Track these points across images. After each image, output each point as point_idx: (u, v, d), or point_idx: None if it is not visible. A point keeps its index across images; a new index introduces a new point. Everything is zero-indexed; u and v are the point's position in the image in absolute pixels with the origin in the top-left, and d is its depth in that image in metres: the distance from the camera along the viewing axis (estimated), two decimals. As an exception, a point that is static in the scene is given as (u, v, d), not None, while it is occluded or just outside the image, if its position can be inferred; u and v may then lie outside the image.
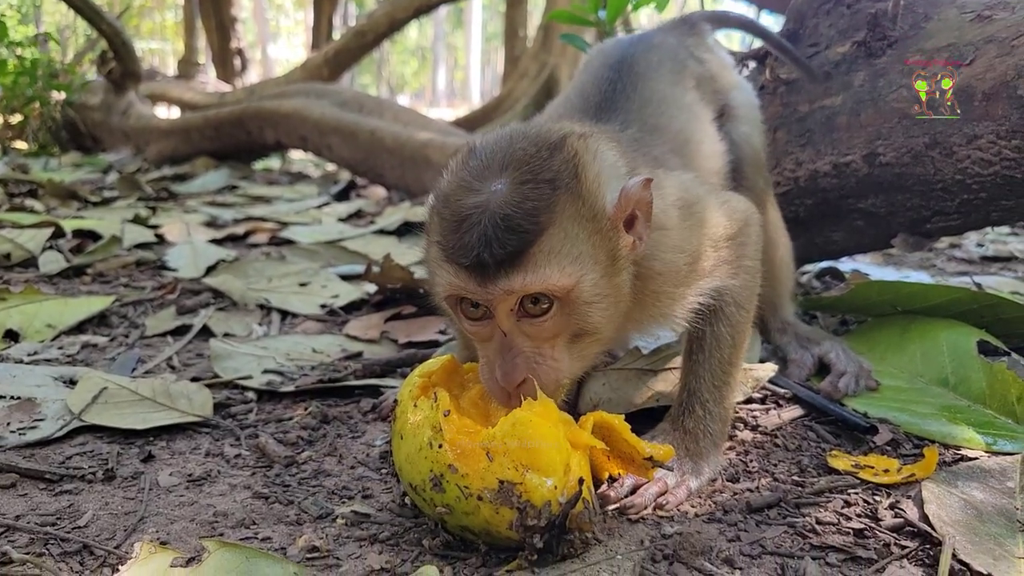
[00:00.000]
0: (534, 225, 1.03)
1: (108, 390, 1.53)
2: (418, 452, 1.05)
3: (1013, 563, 1.02)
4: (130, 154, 6.45)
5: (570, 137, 1.12)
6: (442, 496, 1.02)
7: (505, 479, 0.99)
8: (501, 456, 1.00)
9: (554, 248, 1.04)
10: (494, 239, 1.02)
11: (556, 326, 1.09)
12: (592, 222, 1.08)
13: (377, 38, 8.54)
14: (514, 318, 1.08)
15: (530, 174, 1.06)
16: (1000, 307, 1.65)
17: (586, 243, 1.07)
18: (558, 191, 1.05)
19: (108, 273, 2.64)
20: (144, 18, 25.60)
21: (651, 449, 1.12)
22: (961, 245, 3.40)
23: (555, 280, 1.04)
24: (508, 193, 1.04)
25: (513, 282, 1.03)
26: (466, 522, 1.03)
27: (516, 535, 0.99)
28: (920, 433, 1.41)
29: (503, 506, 0.99)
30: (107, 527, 1.13)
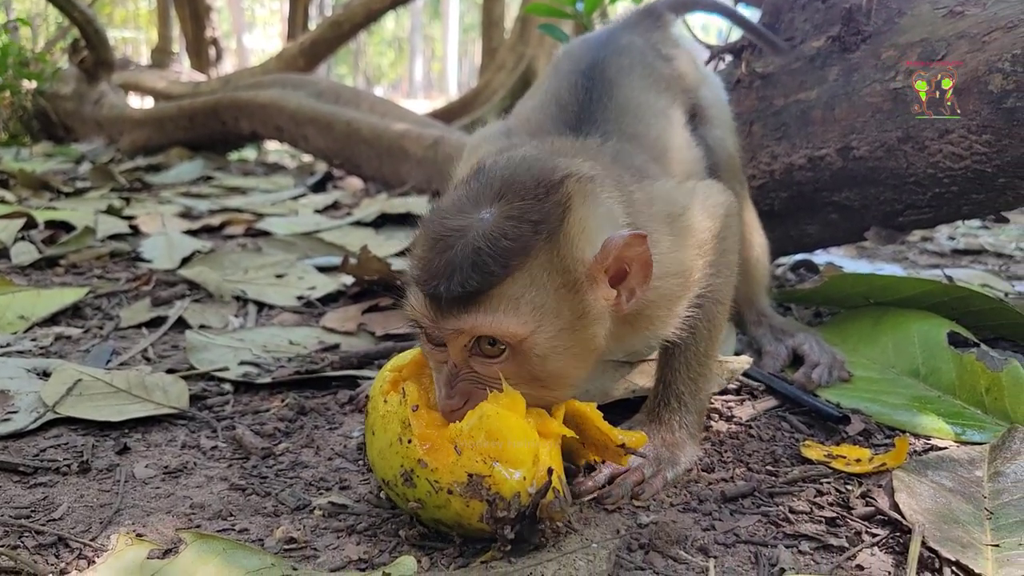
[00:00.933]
0: (501, 267, 1.00)
1: (82, 382, 1.52)
2: (389, 447, 1.06)
3: (980, 550, 1.04)
4: (103, 144, 6.37)
5: (570, 179, 1.08)
6: (413, 491, 1.03)
7: (474, 472, 0.99)
8: (469, 450, 1.00)
9: (515, 295, 1.01)
10: (457, 273, 0.99)
11: (507, 370, 1.06)
12: (563, 274, 1.04)
13: (354, 28, 8.50)
14: (467, 353, 1.06)
15: (518, 210, 1.03)
16: (970, 299, 1.68)
17: (552, 295, 1.03)
18: (538, 235, 1.02)
19: (82, 264, 2.61)
20: (117, 6, 25.24)
21: (624, 436, 1.13)
22: (933, 238, 3.45)
23: (509, 328, 1.01)
24: (490, 225, 1.01)
25: (463, 322, 1.02)
26: (438, 515, 1.03)
27: (488, 527, 1.00)
28: (891, 423, 1.43)
29: (473, 499, 0.99)
30: (82, 519, 1.12)
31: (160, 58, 11.62)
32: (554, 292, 1.03)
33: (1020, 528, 1.07)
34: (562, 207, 1.05)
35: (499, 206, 1.04)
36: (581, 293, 1.06)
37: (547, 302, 1.03)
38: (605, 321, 1.10)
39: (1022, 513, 1.10)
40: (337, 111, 4.91)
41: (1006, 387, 1.39)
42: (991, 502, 1.13)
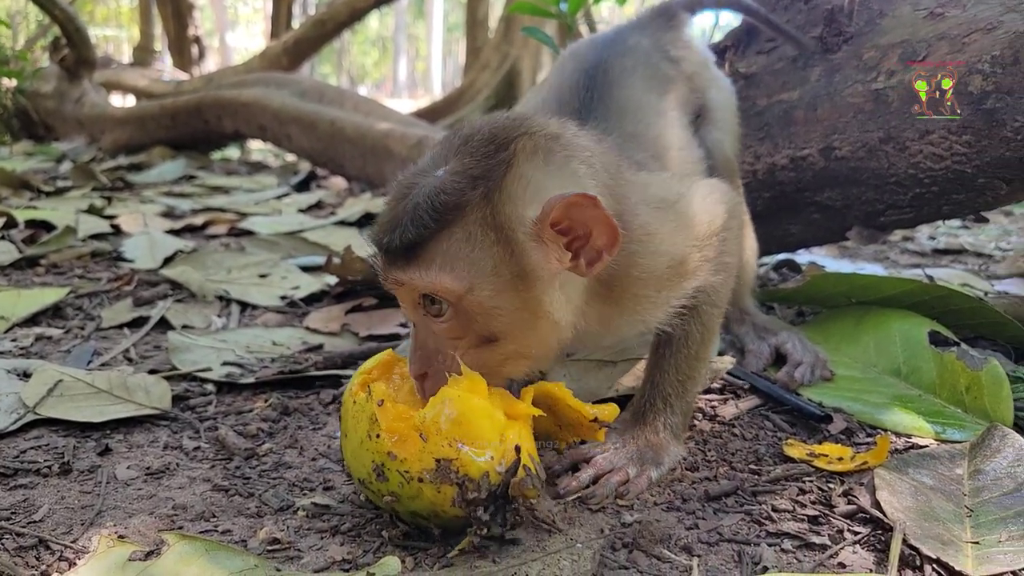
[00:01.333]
0: (436, 222, 1.01)
1: (63, 383, 1.51)
2: (360, 445, 1.06)
3: (961, 547, 1.05)
4: (84, 143, 6.32)
5: (523, 137, 1.06)
6: (386, 484, 1.03)
7: (441, 457, 1.00)
8: (434, 435, 1.01)
9: (450, 250, 1.02)
10: (397, 227, 1.02)
11: (454, 329, 1.07)
12: (499, 231, 1.02)
13: (337, 27, 8.47)
14: (421, 311, 1.08)
15: (463, 166, 1.04)
16: (950, 299, 1.69)
17: (487, 251, 1.02)
18: (475, 191, 1.02)
19: (62, 264, 2.59)
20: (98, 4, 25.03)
21: (595, 410, 1.14)
22: (914, 238, 3.47)
23: (443, 283, 1.02)
24: (435, 182, 1.03)
25: (403, 275, 1.04)
26: (414, 507, 1.04)
27: (461, 511, 1.01)
28: (873, 422, 1.44)
29: (443, 484, 1.00)
30: (63, 521, 1.11)
31: (142, 56, 11.54)
32: (489, 249, 1.03)
33: (1000, 525, 1.08)
34: (505, 164, 1.04)
35: (452, 163, 1.06)
36: (522, 252, 1.04)
37: (483, 259, 1.03)
38: (556, 287, 1.08)
39: (1001, 510, 1.11)
40: (321, 110, 4.89)
41: (985, 386, 1.40)
42: (971, 500, 1.15)
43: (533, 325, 1.09)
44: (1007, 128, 1.56)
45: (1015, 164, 1.59)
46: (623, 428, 1.31)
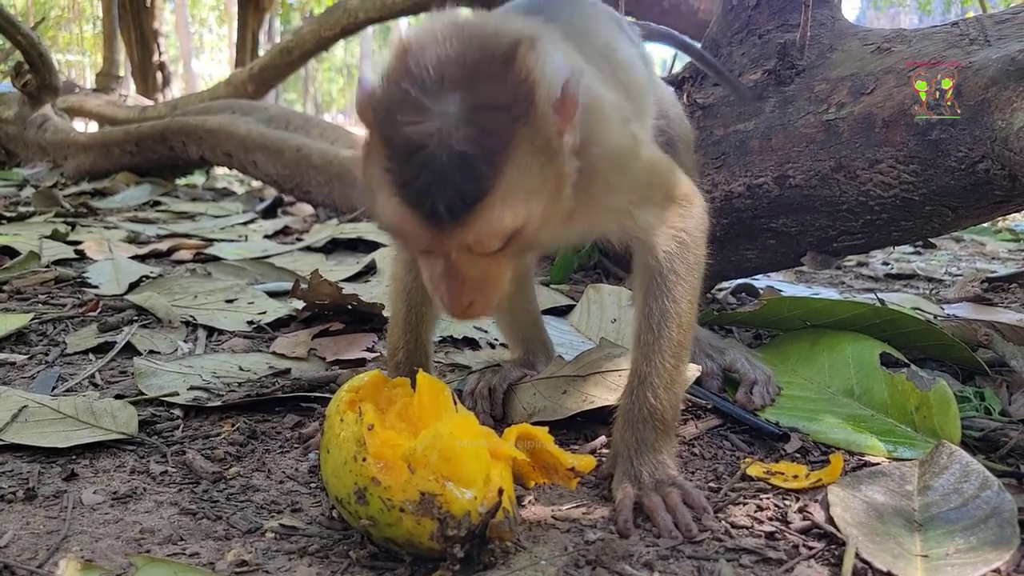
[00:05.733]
0: (492, 168, 0.95)
1: (28, 408, 1.51)
2: (343, 466, 1.07)
3: (911, 560, 1.09)
4: (47, 168, 6.25)
5: (522, 45, 1.02)
6: (366, 508, 1.04)
7: (426, 491, 1.01)
8: (422, 468, 1.02)
9: (510, 190, 0.98)
10: (450, 186, 0.95)
11: (504, 256, 1.06)
12: (545, 150, 1.01)
13: (303, 55, 8.49)
14: (463, 251, 1.03)
15: (484, 96, 0.97)
16: (900, 321, 1.75)
17: (538, 175, 1.01)
18: (517, 122, 0.98)
19: (26, 290, 2.57)
20: (62, 29, 24.85)
21: (573, 460, 1.16)
22: (868, 264, 3.56)
23: (510, 224, 1.00)
24: (463, 122, 0.95)
25: (467, 235, 0.99)
26: (389, 534, 1.05)
27: (438, 545, 1.02)
28: (827, 441, 1.49)
29: (424, 517, 1.01)
30: (28, 546, 1.11)
31: (105, 82, 11.46)
32: (540, 171, 1.01)
33: (948, 539, 1.12)
34: (526, 82, 1.00)
35: (460, 94, 0.97)
36: (559, 160, 1.04)
37: (537, 183, 1.01)
38: (573, 174, 1.08)
39: (949, 525, 1.15)
40: (287, 137, 4.90)
41: (934, 406, 1.45)
42: (921, 515, 1.19)
43: (561, 221, 1.10)
44: (951, 158, 1.63)
45: (960, 192, 1.66)
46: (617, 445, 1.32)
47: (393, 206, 1.01)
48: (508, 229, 1.01)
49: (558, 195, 1.07)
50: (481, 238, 1.01)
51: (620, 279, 2.51)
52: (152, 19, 12.12)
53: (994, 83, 1.56)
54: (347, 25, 7.71)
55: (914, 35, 1.84)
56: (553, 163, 1.04)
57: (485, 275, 1.07)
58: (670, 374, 1.31)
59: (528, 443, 1.17)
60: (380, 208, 1.06)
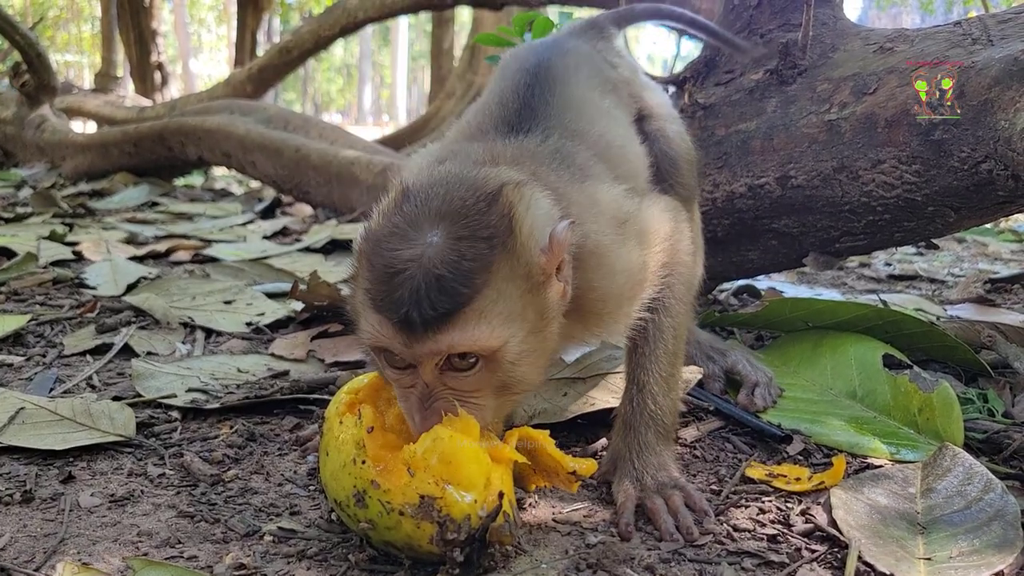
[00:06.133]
0: (467, 287, 1.01)
1: (25, 410, 1.50)
2: (342, 468, 1.07)
3: (914, 563, 1.08)
4: (45, 169, 6.24)
5: (506, 187, 1.10)
6: (365, 511, 1.04)
7: (426, 494, 1.01)
8: (422, 472, 1.02)
9: (485, 309, 1.03)
10: (425, 299, 1.00)
11: (479, 381, 1.09)
12: (525, 280, 1.07)
13: (302, 55, 8.48)
14: (438, 371, 1.08)
15: (467, 229, 1.05)
16: (903, 323, 1.74)
17: (518, 302, 1.06)
18: (495, 250, 1.04)
19: (23, 291, 2.56)
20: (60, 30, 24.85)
21: (575, 464, 1.15)
22: (870, 265, 3.55)
23: (484, 342, 1.04)
24: (443, 249, 1.02)
25: (440, 343, 1.03)
26: (389, 537, 1.04)
27: (437, 549, 1.01)
28: (829, 443, 1.48)
29: (424, 521, 1.01)
30: (26, 550, 1.10)
31: (104, 82, 11.45)
32: (519, 298, 1.06)
33: (951, 541, 1.12)
34: (507, 217, 1.07)
35: (444, 227, 1.05)
36: (541, 293, 1.09)
37: (515, 310, 1.06)
38: (559, 316, 1.14)
39: (952, 527, 1.15)
40: (286, 137, 4.89)
41: (937, 407, 1.45)
42: (924, 517, 1.18)
43: (545, 359, 1.15)
44: (954, 158, 1.62)
45: (962, 192, 1.65)
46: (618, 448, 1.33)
47: (372, 320, 1.07)
48: (482, 345, 1.04)
49: (541, 328, 1.11)
50: (454, 346, 1.04)
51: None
52: (150, 19, 12.11)
53: (997, 83, 1.55)
54: (346, 25, 7.71)
55: (917, 35, 1.83)
56: (536, 297, 1.09)
57: (460, 399, 1.09)
58: (667, 380, 1.35)
59: (529, 446, 1.16)
60: (362, 326, 1.11)
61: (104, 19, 12.97)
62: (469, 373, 1.07)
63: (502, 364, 1.07)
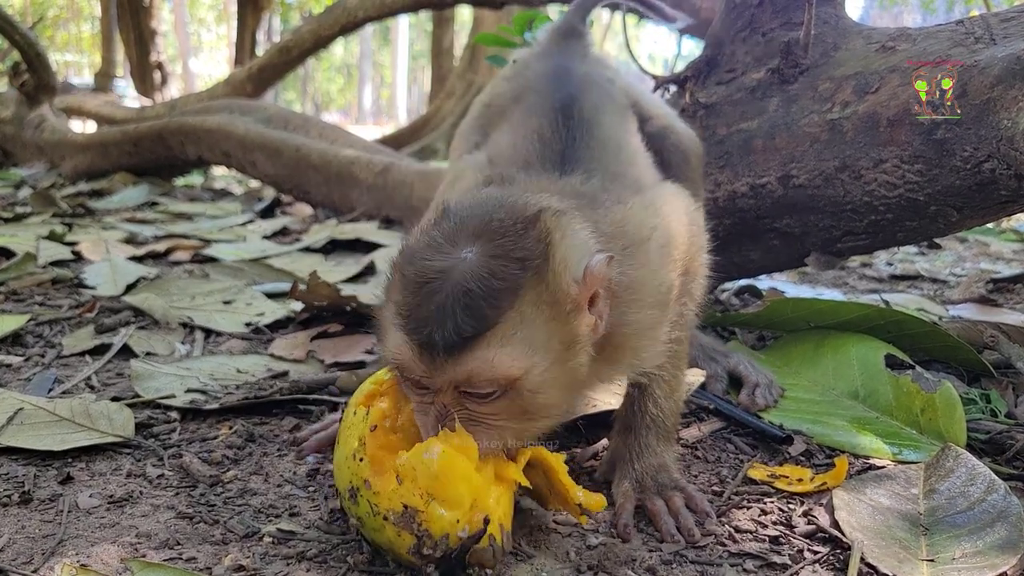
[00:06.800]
0: (493, 309, 0.99)
1: (24, 411, 1.49)
2: (345, 460, 1.08)
3: (917, 565, 1.08)
4: (44, 169, 6.23)
5: (545, 212, 1.08)
6: (356, 508, 1.05)
7: (409, 505, 1.00)
8: (410, 482, 1.01)
9: (508, 335, 1.00)
10: (449, 319, 0.98)
11: (499, 407, 1.06)
12: (552, 307, 1.04)
13: (302, 54, 8.47)
14: (457, 394, 1.05)
15: (501, 249, 1.02)
16: (905, 323, 1.74)
17: (542, 329, 1.03)
18: (526, 272, 1.02)
19: (22, 291, 2.56)
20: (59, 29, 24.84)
21: (583, 496, 1.12)
22: (872, 264, 3.55)
23: (504, 370, 1.01)
24: (476, 265, 1.01)
25: (459, 371, 1.01)
26: (374, 537, 1.05)
27: (415, 561, 1.01)
28: (832, 444, 1.47)
29: (404, 531, 1.00)
30: (24, 551, 1.10)
31: (103, 82, 11.46)
32: (544, 327, 1.03)
33: (954, 543, 1.11)
34: (543, 242, 1.04)
35: (480, 244, 1.03)
36: (569, 324, 1.05)
37: (538, 338, 1.03)
38: (588, 349, 1.10)
39: (955, 528, 1.14)
40: (286, 137, 4.88)
41: (939, 408, 1.44)
42: (926, 519, 1.18)
43: (571, 390, 1.12)
44: (956, 157, 1.61)
45: (965, 192, 1.65)
46: (619, 449, 1.32)
47: (395, 336, 1.05)
48: (502, 374, 1.01)
49: (567, 359, 1.07)
50: (473, 376, 1.01)
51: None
52: (150, 18, 12.11)
53: (1000, 82, 1.54)
54: (346, 24, 7.69)
55: (919, 34, 1.83)
56: (563, 327, 1.05)
57: (480, 425, 1.06)
58: (670, 384, 1.34)
59: (544, 467, 1.14)
60: (385, 340, 1.09)
61: (104, 19, 12.98)
62: (487, 400, 1.04)
63: (522, 393, 1.04)
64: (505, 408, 1.05)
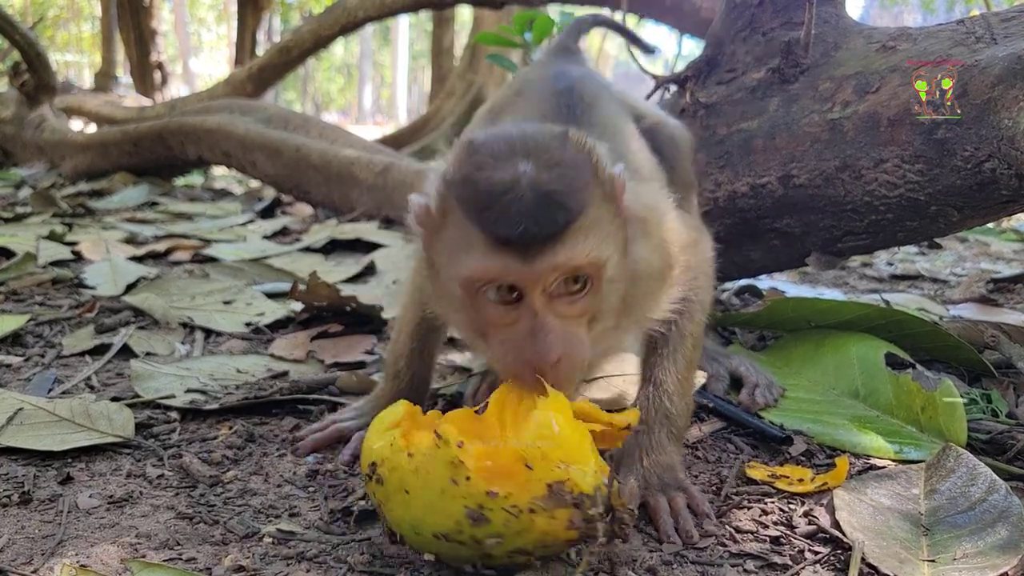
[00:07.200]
0: (575, 202, 1.04)
1: (24, 411, 1.49)
2: (440, 496, 0.99)
3: (917, 565, 1.07)
4: (44, 169, 6.23)
5: (570, 131, 1.15)
6: (487, 527, 0.97)
7: (553, 481, 0.96)
8: (539, 461, 0.97)
9: (590, 224, 1.07)
10: (543, 212, 1.02)
11: (585, 306, 1.10)
12: (609, 204, 1.12)
13: (302, 54, 8.46)
14: (546, 298, 1.07)
15: (553, 158, 1.07)
16: (906, 323, 1.74)
17: (610, 223, 1.11)
18: (586, 173, 1.08)
19: (22, 291, 2.55)
20: (60, 29, 24.85)
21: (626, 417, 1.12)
22: (872, 264, 3.55)
23: (595, 254, 1.07)
24: (541, 171, 1.04)
25: (559, 257, 1.04)
26: (520, 543, 0.99)
27: (576, 533, 0.98)
28: (832, 443, 1.47)
29: (557, 508, 0.96)
30: (24, 551, 1.10)
31: (104, 82, 11.46)
32: (611, 221, 1.12)
33: (955, 543, 1.11)
34: (584, 151, 1.12)
35: (532, 158, 1.06)
36: (621, 221, 1.15)
37: (609, 230, 1.11)
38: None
39: (956, 529, 1.14)
40: (286, 137, 4.88)
41: (940, 406, 1.44)
42: (927, 519, 1.17)
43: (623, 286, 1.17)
44: (957, 157, 1.61)
45: (966, 192, 1.65)
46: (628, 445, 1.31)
47: (481, 248, 1.06)
48: (594, 257, 1.07)
49: (623, 256, 1.15)
50: (571, 260, 1.05)
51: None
52: (150, 18, 12.09)
53: (1000, 81, 1.54)
54: (346, 24, 7.69)
55: (919, 33, 1.82)
56: (619, 222, 1.14)
57: (568, 331, 1.09)
58: (683, 384, 1.36)
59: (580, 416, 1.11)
60: (462, 265, 1.09)
61: (104, 19, 12.98)
62: (578, 296, 1.09)
63: (603, 284, 1.10)
64: (588, 306, 1.10)
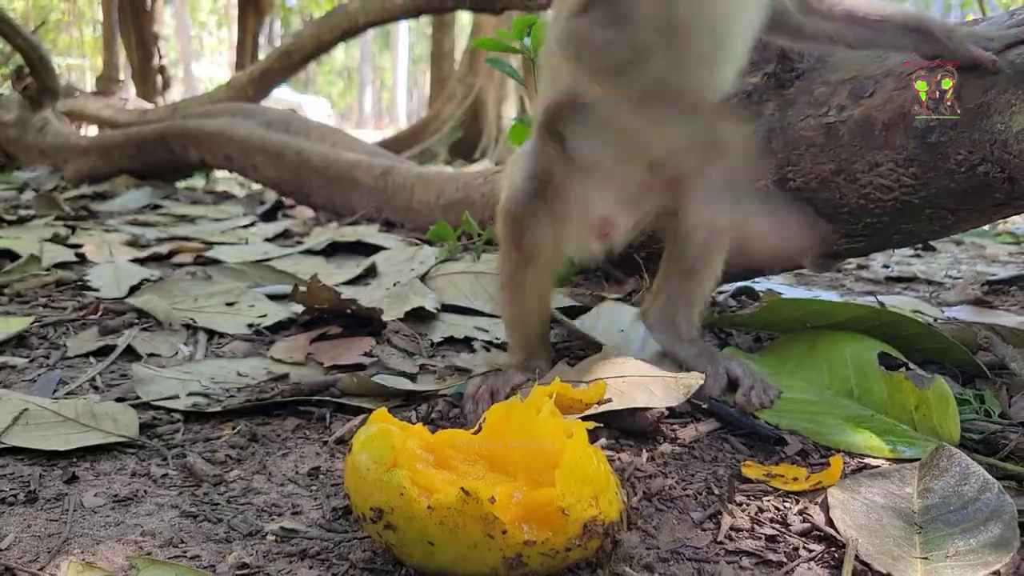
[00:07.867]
0: None
1: (29, 412, 1.51)
2: (473, 548, 0.97)
3: (911, 563, 1.09)
4: (47, 172, 6.25)
5: None
6: (523, 568, 0.98)
7: (587, 520, 0.99)
8: (575, 504, 0.98)
9: None
10: None
11: None
12: None
13: (304, 59, 8.49)
14: None
15: None
16: (901, 324, 1.75)
17: None
18: None
19: (26, 293, 2.57)
20: (61, 33, 24.87)
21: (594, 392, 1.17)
22: (869, 266, 3.56)
23: None
24: None
25: None
26: (550, 570, 1.01)
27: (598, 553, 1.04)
28: (827, 443, 1.49)
29: (591, 540, 1.00)
30: (30, 549, 1.12)
31: (105, 86, 11.48)
32: None
33: (947, 541, 1.13)
34: None
35: None
36: None
37: None
38: None
39: (949, 527, 1.15)
40: (287, 140, 4.90)
41: (933, 404, 1.46)
42: (920, 517, 1.19)
43: None
44: (951, 161, 1.63)
45: (959, 195, 1.66)
46: None
47: None
48: None
49: None
50: None
51: (620, 282, 2.51)
52: (152, 22, 12.12)
53: (993, 85, 1.56)
54: (347, 28, 7.72)
55: (913, 38, 1.84)
56: None
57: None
58: None
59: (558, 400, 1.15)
60: None
61: (106, 22, 13.01)
62: None
63: None
64: None
